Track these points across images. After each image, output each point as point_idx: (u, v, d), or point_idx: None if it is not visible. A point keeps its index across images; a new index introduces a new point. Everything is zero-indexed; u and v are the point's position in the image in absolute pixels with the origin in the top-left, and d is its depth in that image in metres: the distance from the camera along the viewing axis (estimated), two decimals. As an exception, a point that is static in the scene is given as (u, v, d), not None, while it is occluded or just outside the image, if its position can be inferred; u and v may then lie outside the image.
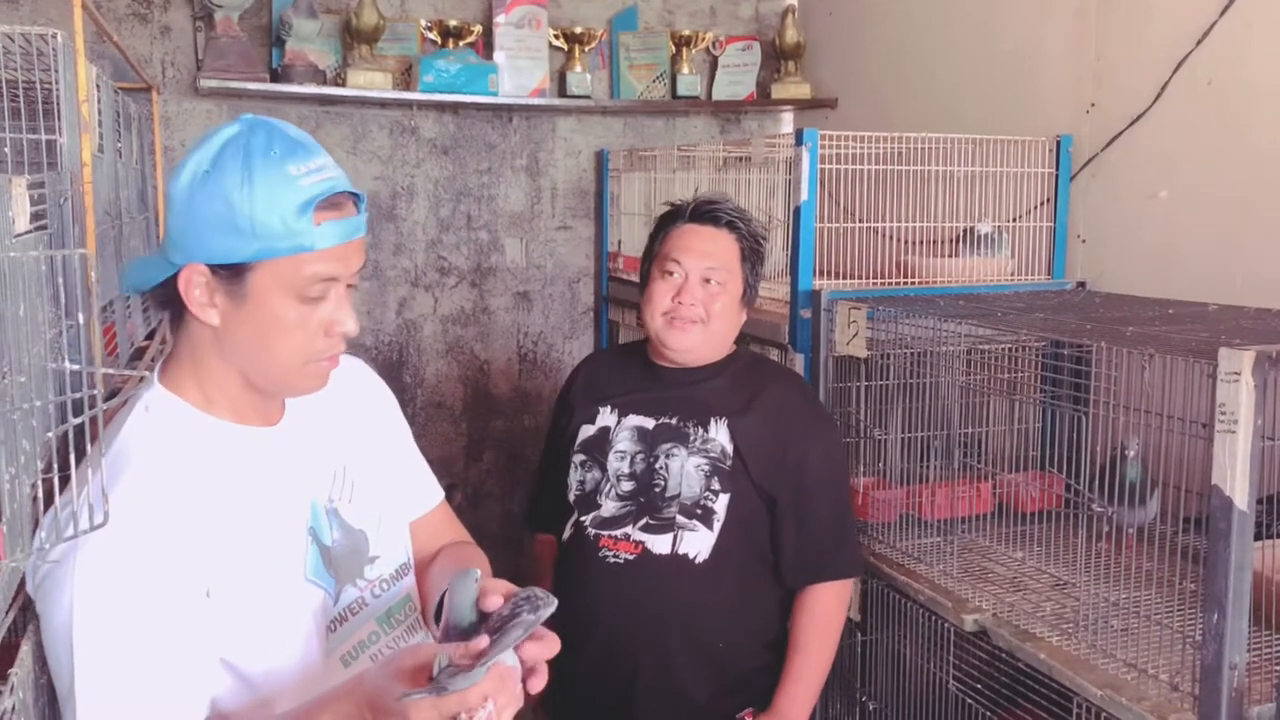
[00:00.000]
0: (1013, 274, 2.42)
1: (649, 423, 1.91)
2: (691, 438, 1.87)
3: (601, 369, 2.09)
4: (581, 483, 1.94)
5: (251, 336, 1.19)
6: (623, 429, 1.92)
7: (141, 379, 1.16)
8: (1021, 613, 1.73)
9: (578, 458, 1.95)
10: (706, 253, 1.89)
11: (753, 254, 1.94)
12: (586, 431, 1.96)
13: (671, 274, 1.89)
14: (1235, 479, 1.26)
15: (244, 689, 1.23)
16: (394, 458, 1.48)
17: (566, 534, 1.95)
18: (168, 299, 1.20)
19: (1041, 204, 2.45)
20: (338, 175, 1.19)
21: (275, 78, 3.01)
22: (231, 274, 1.16)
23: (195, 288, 1.17)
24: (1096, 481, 1.78)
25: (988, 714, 1.81)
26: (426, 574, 1.49)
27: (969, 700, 1.85)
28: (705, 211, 1.92)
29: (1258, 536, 1.31)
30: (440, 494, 1.59)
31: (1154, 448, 1.73)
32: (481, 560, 1.52)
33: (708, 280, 1.88)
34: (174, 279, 1.17)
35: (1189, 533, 1.58)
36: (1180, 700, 1.41)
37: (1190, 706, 1.38)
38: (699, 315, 1.87)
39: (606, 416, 1.96)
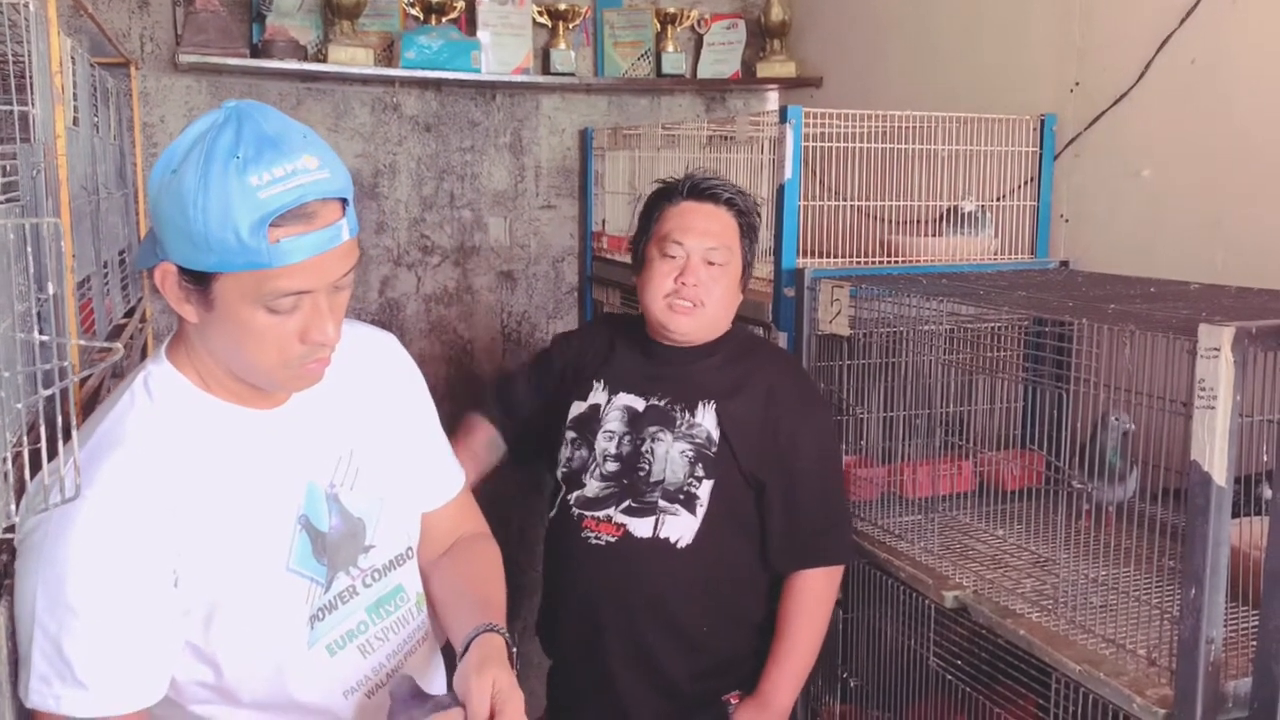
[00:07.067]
0: (996, 253, 2.42)
1: (639, 403, 1.89)
2: (678, 421, 1.85)
3: (604, 339, 2.04)
4: (570, 460, 1.92)
5: (225, 339, 1.16)
6: (613, 408, 1.90)
7: (117, 353, 1.14)
8: (1002, 589, 1.73)
9: (569, 434, 1.93)
10: (708, 232, 1.85)
11: (750, 231, 1.90)
12: (578, 409, 1.94)
13: (673, 255, 1.84)
14: (1214, 455, 1.26)
15: (213, 674, 1.22)
16: (410, 444, 1.44)
17: (553, 511, 1.94)
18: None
19: (1025, 183, 2.45)
20: (312, 180, 1.09)
21: (255, 53, 2.97)
22: (196, 279, 1.12)
23: (168, 285, 1.14)
24: (1077, 458, 1.79)
25: (968, 690, 1.82)
26: (434, 574, 1.46)
27: (949, 676, 1.86)
28: (705, 189, 1.87)
29: (1236, 513, 1.32)
30: (460, 482, 1.54)
31: (1134, 424, 1.74)
32: (493, 563, 1.50)
33: (710, 262, 1.84)
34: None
35: (1166, 507, 1.58)
36: (1158, 675, 1.43)
37: (1167, 681, 1.39)
38: (700, 297, 1.83)
39: (598, 394, 1.93)
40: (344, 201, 1.15)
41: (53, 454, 0.98)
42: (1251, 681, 1.32)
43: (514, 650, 1.29)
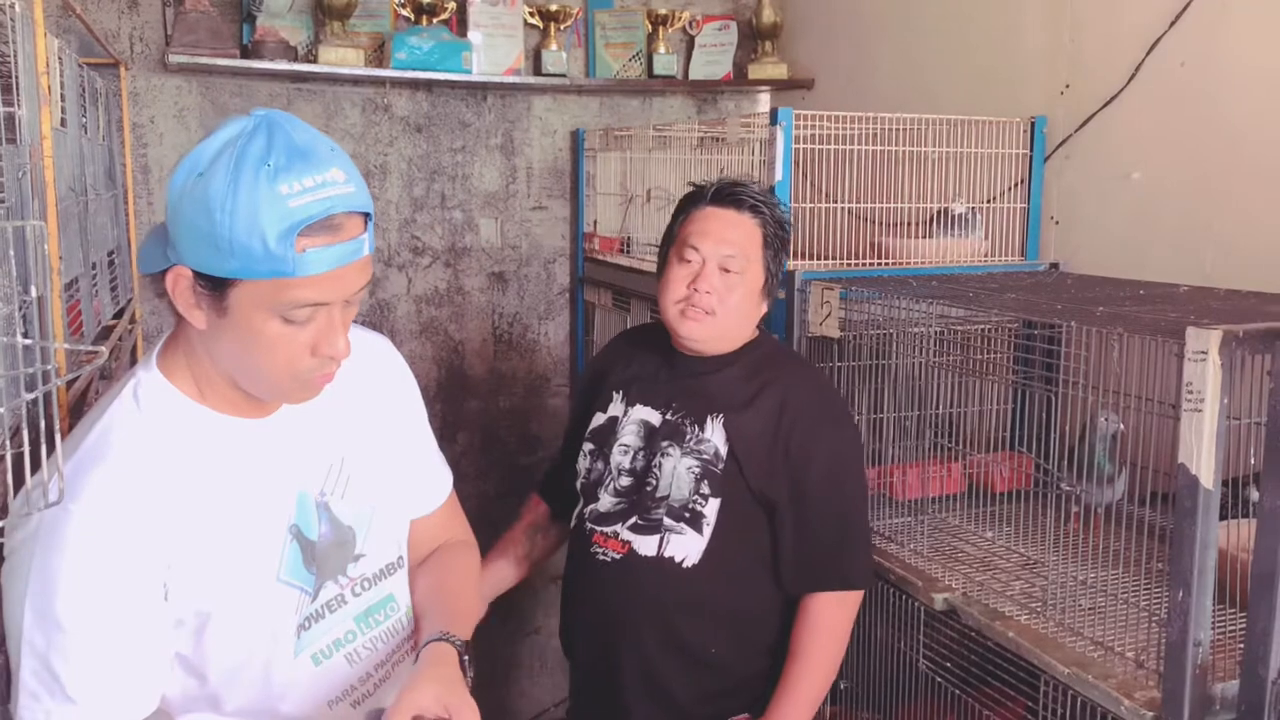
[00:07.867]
0: (986, 255, 2.42)
1: (655, 417, 1.84)
2: (687, 436, 1.80)
3: (624, 350, 2.01)
4: (588, 471, 1.89)
5: (234, 347, 1.15)
6: (630, 421, 1.86)
7: (100, 357, 1.13)
8: (991, 592, 1.74)
9: (587, 446, 1.91)
10: (725, 239, 1.78)
11: (776, 240, 1.83)
12: (598, 420, 1.91)
13: (689, 260, 1.79)
14: (1201, 458, 1.27)
15: (197, 684, 1.22)
16: (401, 450, 1.43)
17: (573, 523, 1.92)
18: (163, 289, 1.15)
19: (1015, 185, 2.46)
20: (340, 193, 1.09)
21: (246, 54, 2.96)
22: (212, 285, 1.10)
23: (180, 290, 1.12)
24: (1066, 460, 1.79)
25: (957, 692, 1.82)
26: (416, 583, 1.45)
27: (939, 679, 1.86)
28: (727, 194, 1.81)
29: (1223, 516, 1.32)
30: (447, 489, 1.54)
31: (1123, 426, 1.75)
32: (469, 573, 1.50)
33: (725, 269, 1.78)
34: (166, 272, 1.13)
35: (1154, 509, 1.59)
36: (1145, 677, 1.43)
37: (1155, 683, 1.39)
38: (712, 305, 1.77)
39: (616, 405, 1.90)
40: (366, 216, 1.15)
41: (36, 457, 0.97)
42: (1239, 684, 1.32)
43: (466, 659, 1.27)
